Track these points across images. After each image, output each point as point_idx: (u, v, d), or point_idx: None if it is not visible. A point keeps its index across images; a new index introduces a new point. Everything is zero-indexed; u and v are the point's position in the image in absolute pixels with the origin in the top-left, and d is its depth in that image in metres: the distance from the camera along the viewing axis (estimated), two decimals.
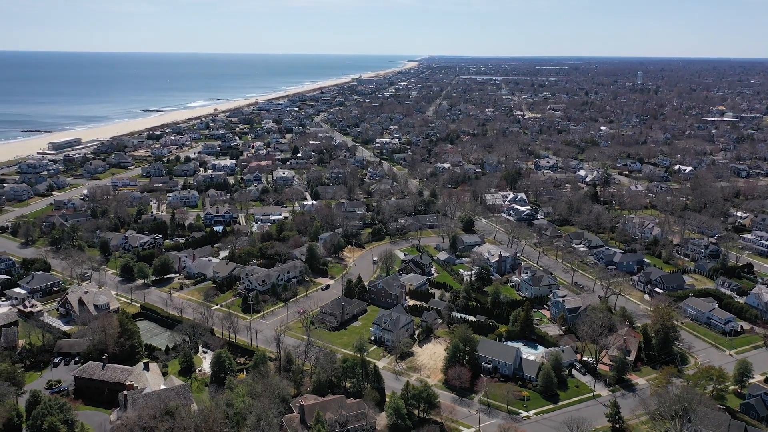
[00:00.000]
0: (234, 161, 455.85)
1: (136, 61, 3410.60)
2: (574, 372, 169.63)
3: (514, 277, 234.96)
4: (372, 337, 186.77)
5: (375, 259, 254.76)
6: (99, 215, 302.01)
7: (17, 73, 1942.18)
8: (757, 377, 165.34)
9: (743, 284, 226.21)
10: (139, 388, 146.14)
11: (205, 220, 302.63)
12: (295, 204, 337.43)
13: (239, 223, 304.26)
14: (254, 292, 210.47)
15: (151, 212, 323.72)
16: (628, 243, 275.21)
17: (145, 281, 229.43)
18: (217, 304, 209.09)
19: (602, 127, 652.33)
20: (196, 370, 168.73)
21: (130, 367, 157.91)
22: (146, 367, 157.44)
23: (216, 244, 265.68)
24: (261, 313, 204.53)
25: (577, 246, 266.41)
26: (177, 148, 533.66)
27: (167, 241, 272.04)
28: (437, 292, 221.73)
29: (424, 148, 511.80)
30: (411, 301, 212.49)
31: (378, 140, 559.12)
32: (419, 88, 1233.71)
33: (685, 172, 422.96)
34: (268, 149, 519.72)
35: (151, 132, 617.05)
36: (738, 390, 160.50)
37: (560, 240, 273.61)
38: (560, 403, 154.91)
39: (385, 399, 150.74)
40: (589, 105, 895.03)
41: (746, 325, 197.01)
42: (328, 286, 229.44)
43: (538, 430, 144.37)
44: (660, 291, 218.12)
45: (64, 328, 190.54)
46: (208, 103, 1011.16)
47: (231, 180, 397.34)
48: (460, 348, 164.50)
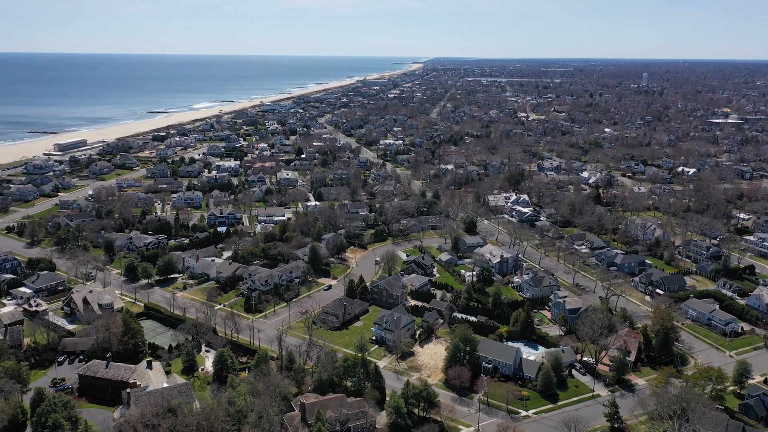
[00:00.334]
0: (238, 162, 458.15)
1: (141, 62, 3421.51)
2: (573, 372, 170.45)
3: (516, 278, 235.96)
4: (373, 337, 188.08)
5: (377, 259, 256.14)
6: (104, 216, 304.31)
7: (23, 74, 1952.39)
8: (757, 378, 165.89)
9: (745, 286, 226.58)
10: (142, 386, 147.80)
11: (208, 221, 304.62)
12: (299, 205, 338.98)
13: (243, 224, 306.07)
14: (257, 292, 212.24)
15: (156, 213, 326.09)
16: (630, 244, 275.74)
17: (149, 281, 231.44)
18: (220, 304, 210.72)
19: (606, 129, 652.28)
20: (199, 369, 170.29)
21: (133, 366, 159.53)
22: (149, 366, 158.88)
23: (219, 245, 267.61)
24: (263, 313, 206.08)
25: (579, 247, 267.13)
26: (182, 150, 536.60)
27: (171, 241, 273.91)
28: (439, 293, 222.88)
29: (428, 150, 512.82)
30: (412, 302, 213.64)
31: (382, 142, 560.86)
32: (423, 90, 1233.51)
33: (689, 173, 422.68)
34: (273, 150, 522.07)
35: (156, 133, 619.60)
36: (737, 390, 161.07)
37: (562, 241, 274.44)
38: (560, 403, 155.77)
39: (386, 398, 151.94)
40: (594, 107, 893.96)
41: (747, 327, 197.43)
42: (330, 287, 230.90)
43: (537, 429, 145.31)
44: (661, 292, 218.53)
45: (69, 327, 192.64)
46: (213, 104, 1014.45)
47: (235, 181, 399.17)
48: (461, 348, 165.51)
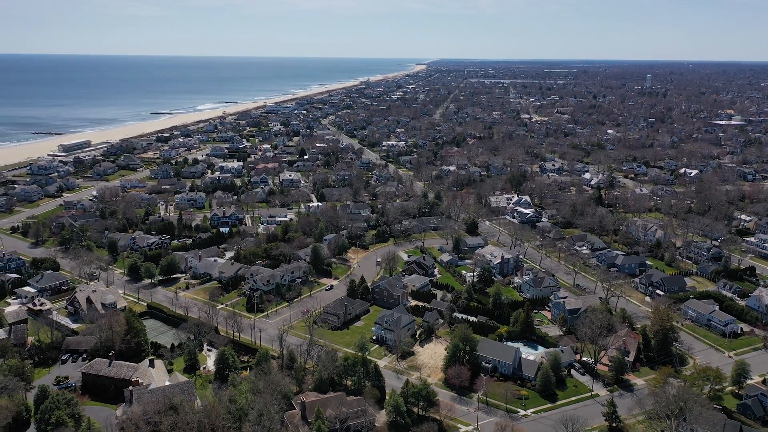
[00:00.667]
0: (241, 163, 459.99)
1: (146, 64, 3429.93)
2: (573, 372, 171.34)
3: (516, 279, 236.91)
4: (374, 337, 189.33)
5: (379, 260, 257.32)
6: (108, 216, 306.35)
7: (28, 76, 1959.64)
8: (755, 378, 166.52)
9: (745, 287, 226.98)
10: (144, 385, 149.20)
11: (211, 222, 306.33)
12: (301, 206, 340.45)
13: (245, 225, 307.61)
14: (259, 292, 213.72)
15: (159, 213, 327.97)
16: (631, 245, 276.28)
17: (152, 281, 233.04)
18: (222, 304, 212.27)
19: (609, 131, 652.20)
20: (201, 368, 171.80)
21: (136, 364, 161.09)
22: (152, 364, 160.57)
23: (222, 245, 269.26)
24: (265, 313, 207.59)
25: (580, 248, 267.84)
26: (185, 151, 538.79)
27: (174, 241, 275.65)
28: (439, 293, 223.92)
29: (431, 151, 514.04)
30: (413, 302, 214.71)
31: (384, 143, 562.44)
32: (427, 91, 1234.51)
33: (691, 175, 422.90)
34: (276, 152, 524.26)
35: (159, 134, 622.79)
36: (736, 391, 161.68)
37: (563, 242, 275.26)
38: (558, 403, 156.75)
39: (386, 397, 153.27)
40: (597, 108, 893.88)
41: (746, 328, 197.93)
42: (331, 287, 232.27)
43: (535, 428, 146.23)
44: (661, 293, 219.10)
45: (72, 326, 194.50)
46: (216, 105, 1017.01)
47: (238, 182, 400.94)
48: (460, 347, 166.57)
